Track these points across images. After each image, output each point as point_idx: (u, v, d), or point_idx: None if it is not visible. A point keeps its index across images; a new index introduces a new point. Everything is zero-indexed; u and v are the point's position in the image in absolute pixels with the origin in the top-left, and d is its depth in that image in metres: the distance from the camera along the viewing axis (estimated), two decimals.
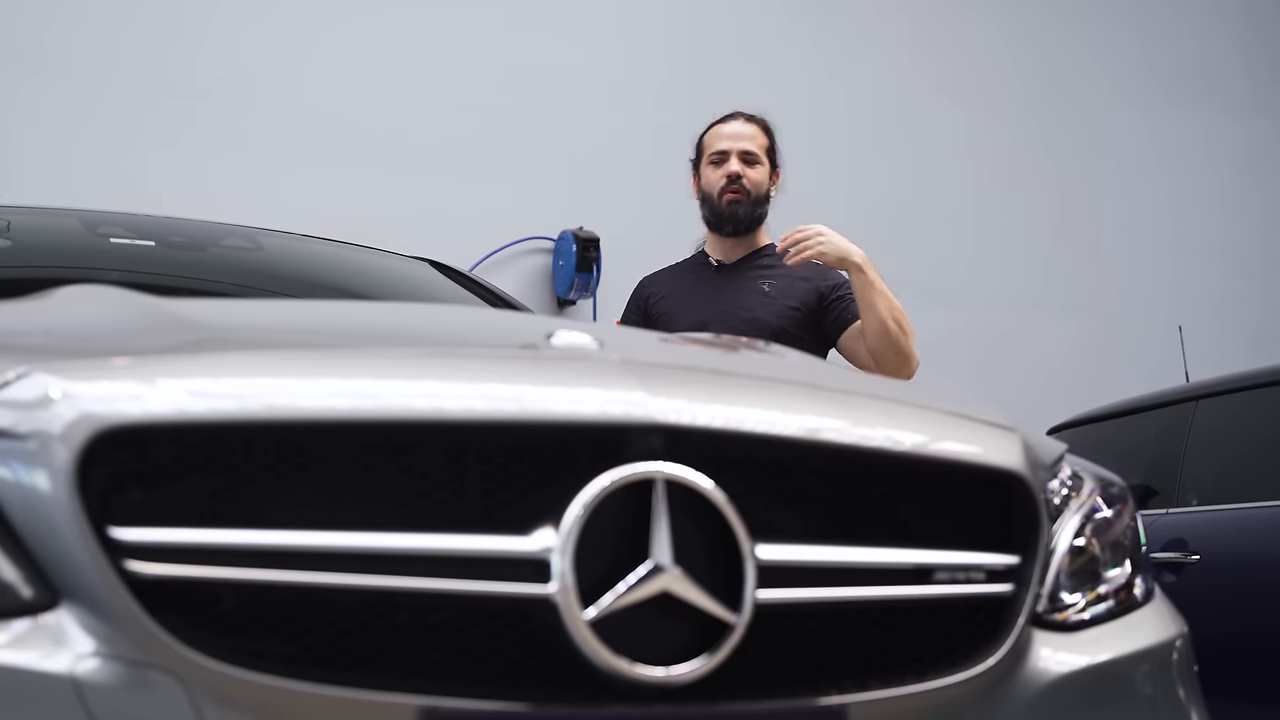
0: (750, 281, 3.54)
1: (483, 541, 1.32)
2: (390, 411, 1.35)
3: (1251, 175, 7.96)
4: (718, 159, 3.57)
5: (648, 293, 3.65)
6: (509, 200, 6.48)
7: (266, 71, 6.20)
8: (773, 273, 3.54)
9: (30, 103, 5.81)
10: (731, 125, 3.60)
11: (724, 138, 3.58)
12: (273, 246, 3.09)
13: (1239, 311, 7.69)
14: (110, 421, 1.27)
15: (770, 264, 3.56)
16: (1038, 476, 1.64)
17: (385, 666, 1.28)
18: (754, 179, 3.55)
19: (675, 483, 1.35)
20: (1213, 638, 2.66)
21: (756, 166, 3.56)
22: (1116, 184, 7.71)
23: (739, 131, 3.58)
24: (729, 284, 3.55)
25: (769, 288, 3.51)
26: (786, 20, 7.13)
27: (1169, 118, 7.82)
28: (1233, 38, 8.04)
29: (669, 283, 3.64)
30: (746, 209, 3.55)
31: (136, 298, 1.83)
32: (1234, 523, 4.39)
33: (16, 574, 1.26)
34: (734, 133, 3.58)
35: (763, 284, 3.53)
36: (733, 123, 3.61)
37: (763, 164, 3.58)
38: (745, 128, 3.59)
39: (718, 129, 3.62)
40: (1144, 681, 1.71)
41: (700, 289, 3.56)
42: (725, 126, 3.61)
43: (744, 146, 3.56)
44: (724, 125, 3.62)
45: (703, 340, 2.35)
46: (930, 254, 7.12)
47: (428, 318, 2.13)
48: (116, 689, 1.22)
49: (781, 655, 1.41)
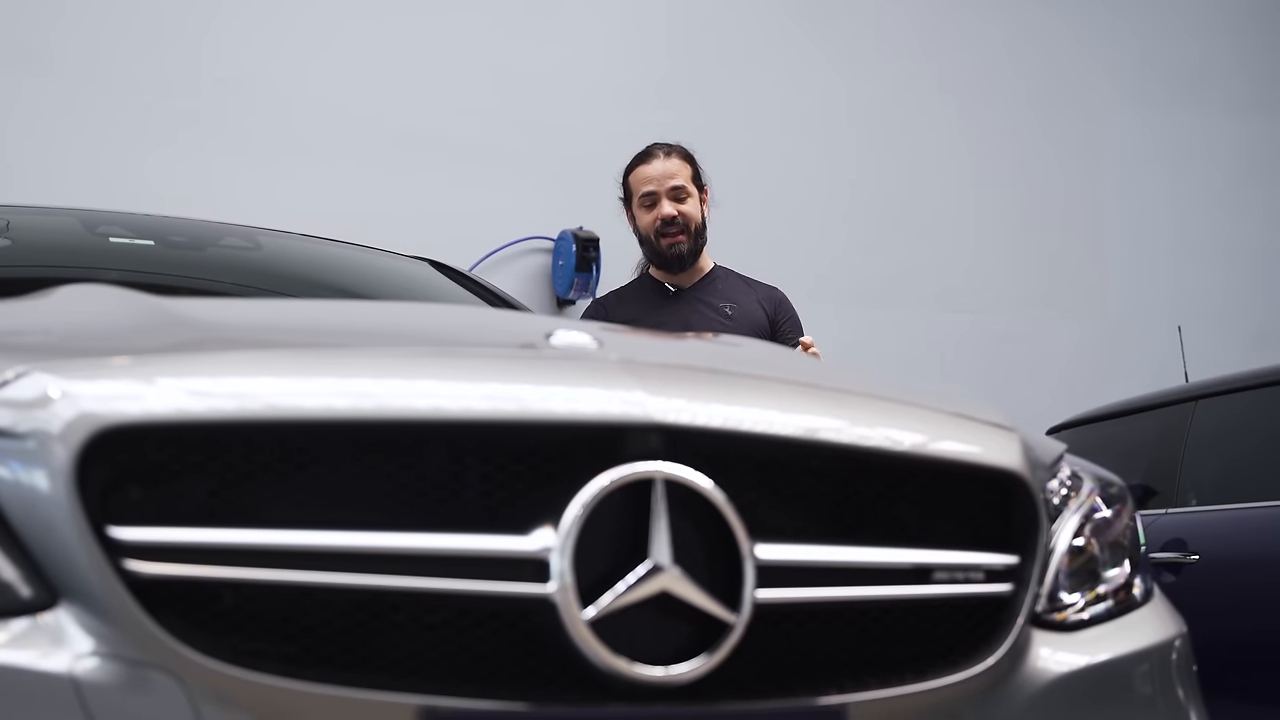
0: (710, 305, 3.61)
1: (482, 541, 1.32)
2: (389, 411, 1.35)
3: (1252, 175, 7.96)
4: (649, 202, 3.60)
5: (610, 317, 3.62)
6: (509, 200, 6.48)
7: (267, 72, 6.19)
8: (730, 294, 3.63)
9: (31, 103, 5.81)
10: (654, 166, 3.62)
11: (649, 179, 3.61)
12: (272, 246, 3.09)
13: (1239, 312, 7.69)
14: (109, 421, 1.27)
15: (723, 287, 3.65)
16: (1037, 476, 1.64)
17: (384, 666, 1.28)
18: (688, 213, 3.60)
19: (674, 482, 1.35)
20: (1212, 638, 2.66)
21: (688, 200, 3.61)
22: (1117, 184, 7.70)
23: (664, 171, 3.61)
24: (689, 309, 3.61)
25: (731, 310, 3.58)
26: (788, 21, 7.12)
27: (1170, 118, 7.81)
28: (1234, 38, 8.04)
29: (630, 308, 3.66)
30: (689, 244, 3.61)
31: (136, 297, 1.82)
32: (1233, 523, 4.39)
33: (15, 573, 1.26)
34: (659, 173, 3.61)
35: (725, 307, 3.59)
36: (654, 162, 3.63)
37: (692, 194, 3.62)
38: (669, 164, 3.62)
39: (641, 170, 3.64)
40: (1143, 681, 1.71)
41: (663, 314, 3.60)
42: (648, 168, 3.63)
43: (671, 184, 3.59)
44: (646, 167, 3.64)
45: (702, 338, 2.35)
46: (932, 255, 7.11)
47: (427, 317, 2.12)
48: (115, 688, 1.22)
49: (781, 655, 1.41)
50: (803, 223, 6.76)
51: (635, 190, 3.65)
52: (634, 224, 3.69)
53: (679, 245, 3.59)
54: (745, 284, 3.71)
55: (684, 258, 3.61)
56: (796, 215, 6.79)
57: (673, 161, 3.63)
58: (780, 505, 1.46)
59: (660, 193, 3.59)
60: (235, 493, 1.29)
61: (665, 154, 3.64)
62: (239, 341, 1.60)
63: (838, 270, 6.74)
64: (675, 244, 3.59)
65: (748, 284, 3.72)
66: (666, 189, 3.59)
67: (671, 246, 3.59)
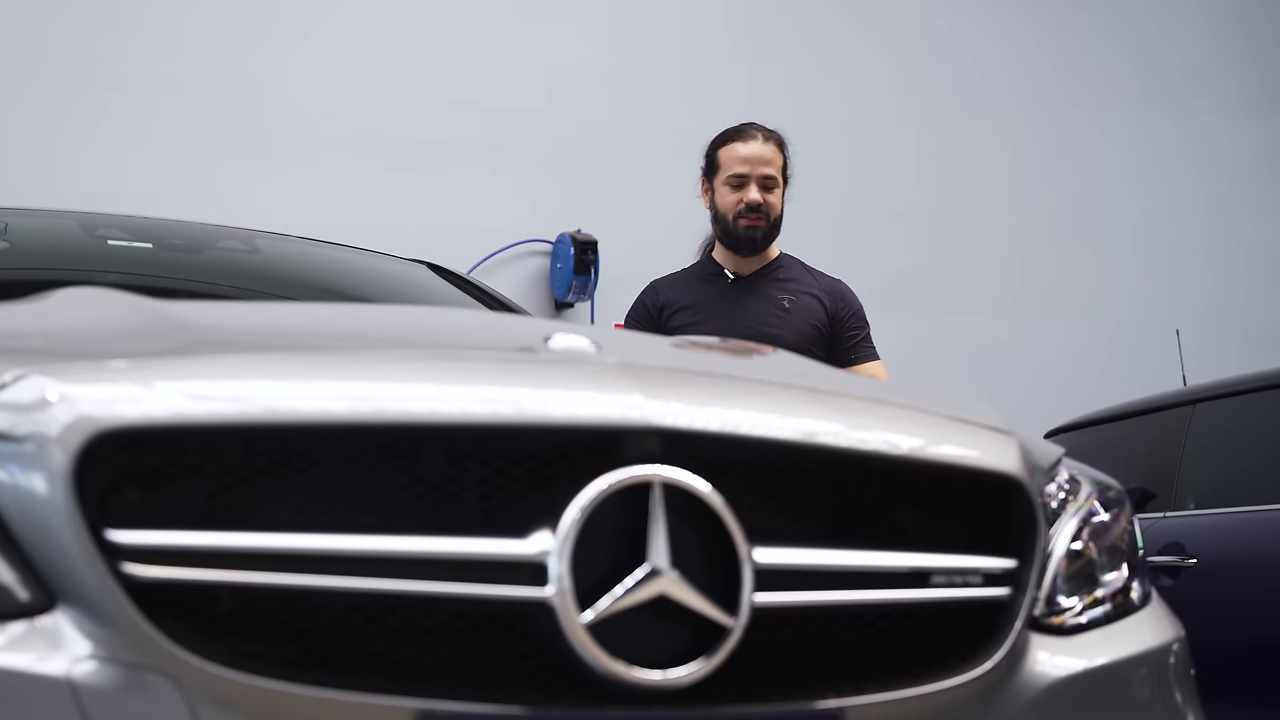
0: (768, 296, 3.51)
1: (480, 545, 1.32)
2: (387, 414, 1.35)
3: (1250, 178, 7.96)
4: (736, 182, 3.49)
5: (661, 300, 3.58)
6: (507, 203, 6.48)
7: (264, 74, 6.20)
8: (789, 286, 3.53)
9: (29, 106, 5.81)
10: (750, 146, 3.51)
11: (743, 160, 3.50)
12: (270, 249, 3.09)
13: (1237, 315, 7.70)
14: (107, 424, 1.27)
15: (785, 276, 3.55)
16: (1035, 480, 1.64)
17: (382, 669, 1.28)
18: (772, 203, 3.51)
19: (672, 486, 1.35)
20: (1209, 641, 2.66)
21: (774, 190, 3.51)
22: (1115, 187, 7.71)
23: (759, 155, 3.50)
24: (747, 298, 3.52)
25: (789, 304, 3.49)
26: (785, 22, 7.13)
27: (1168, 120, 7.82)
28: (1232, 41, 8.05)
29: (684, 293, 3.58)
30: (765, 233, 3.52)
31: (134, 300, 1.82)
32: (1231, 527, 4.39)
33: (13, 576, 1.26)
34: (754, 156, 3.50)
35: (782, 299, 3.50)
36: (751, 143, 3.51)
37: (779, 185, 3.53)
38: (764, 149, 3.51)
39: (735, 148, 3.52)
40: (1141, 685, 1.71)
41: (718, 302, 3.52)
42: (744, 146, 3.51)
43: (764, 172, 3.49)
44: (742, 145, 3.52)
45: (700, 343, 2.35)
46: (929, 258, 7.12)
47: (425, 320, 2.12)
48: (113, 692, 1.22)
49: (779, 658, 1.40)
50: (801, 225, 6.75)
51: (724, 166, 3.52)
52: (710, 198, 3.57)
53: (756, 229, 3.49)
54: (809, 274, 3.61)
55: (756, 243, 3.52)
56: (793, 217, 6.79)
57: (769, 148, 3.51)
58: (778, 509, 1.45)
59: (751, 176, 3.48)
60: (233, 496, 1.29)
61: (764, 138, 3.53)
62: (237, 344, 1.60)
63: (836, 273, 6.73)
64: (753, 227, 3.49)
65: (811, 274, 3.61)
66: (758, 175, 3.48)
67: (748, 229, 3.49)
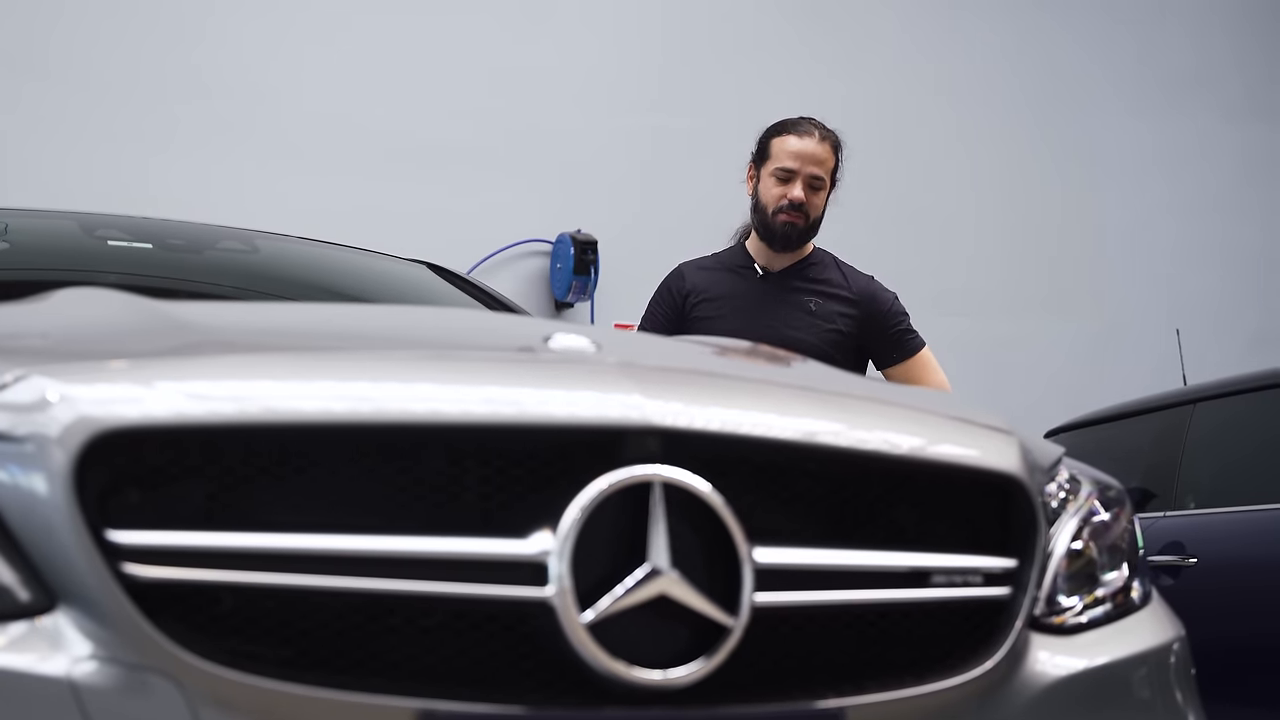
0: (795, 296, 3.47)
1: (480, 544, 1.32)
2: (387, 414, 1.35)
3: (1249, 179, 7.96)
4: (784, 176, 3.44)
5: (687, 287, 3.52)
6: (507, 203, 6.48)
7: (264, 76, 6.20)
8: (817, 288, 3.49)
9: (30, 107, 5.81)
10: (805, 143, 3.45)
11: (795, 155, 3.44)
12: (270, 249, 3.09)
13: (1236, 315, 7.70)
14: (108, 424, 1.27)
15: (815, 275, 3.51)
16: (1035, 480, 1.63)
17: (382, 669, 1.28)
18: (815, 204, 3.46)
19: (673, 485, 1.35)
20: (1210, 641, 2.66)
21: (820, 192, 3.47)
22: (1115, 188, 7.71)
23: (812, 153, 3.44)
24: (773, 297, 3.47)
25: (815, 307, 3.45)
26: (785, 23, 7.13)
27: (1168, 122, 7.82)
28: (1231, 42, 8.05)
29: (711, 282, 3.53)
30: (801, 232, 3.47)
31: (134, 300, 1.82)
32: (1231, 526, 4.39)
33: (14, 577, 1.26)
34: (806, 153, 3.44)
35: (809, 302, 3.46)
36: (806, 139, 3.45)
37: (825, 188, 3.48)
38: (818, 149, 3.45)
39: (789, 141, 3.46)
40: (1141, 685, 1.71)
41: (743, 298, 3.47)
42: (798, 141, 3.45)
43: (813, 171, 3.44)
44: (796, 139, 3.45)
45: (701, 343, 2.35)
46: (930, 258, 7.12)
47: (425, 320, 2.12)
48: (113, 692, 1.22)
49: (779, 658, 1.40)
50: None
51: (774, 156, 3.46)
52: (754, 185, 3.51)
53: (793, 227, 3.44)
54: (840, 273, 3.54)
55: (791, 240, 3.46)
56: None
57: (823, 147, 3.46)
58: (778, 508, 1.45)
59: (799, 173, 3.42)
60: (233, 496, 1.29)
61: (821, 136, 3.47)
62: (237, 345, 1.60)
63: None
64: (790, 224, 3.44)
65: (843, 273, 3.55)
66: (806, 173, 3.43)
67: (785, 225, 3.43)
